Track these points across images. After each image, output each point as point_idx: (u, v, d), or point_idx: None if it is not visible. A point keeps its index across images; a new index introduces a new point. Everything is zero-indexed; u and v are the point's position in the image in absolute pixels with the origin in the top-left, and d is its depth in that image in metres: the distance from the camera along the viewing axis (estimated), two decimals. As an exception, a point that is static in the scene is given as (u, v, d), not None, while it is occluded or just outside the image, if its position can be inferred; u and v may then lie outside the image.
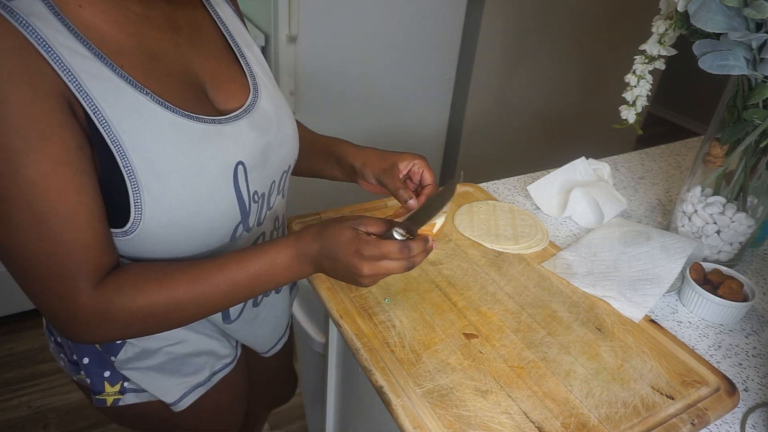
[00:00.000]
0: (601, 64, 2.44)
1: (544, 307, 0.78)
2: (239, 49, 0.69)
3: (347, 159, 0.78)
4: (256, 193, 0.66)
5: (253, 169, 0.64)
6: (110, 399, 0.71)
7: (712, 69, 0.74)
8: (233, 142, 0.61)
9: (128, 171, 0.53)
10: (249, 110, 0.65)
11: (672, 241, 0.88)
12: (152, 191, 0.54)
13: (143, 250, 0.58)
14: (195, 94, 0.61)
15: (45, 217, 0.49)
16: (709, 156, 0.87)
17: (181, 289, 0.56)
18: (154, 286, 0.56)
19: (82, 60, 0.50)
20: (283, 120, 0.70)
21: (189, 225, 0.58)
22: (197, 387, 0.74)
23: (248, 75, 0.68)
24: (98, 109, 0.51)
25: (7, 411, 1.56)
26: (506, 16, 2.08)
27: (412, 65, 1.96)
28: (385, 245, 0.56)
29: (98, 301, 0.54)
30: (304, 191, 1.57)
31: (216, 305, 0.59)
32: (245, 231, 0.67)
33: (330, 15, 1.72)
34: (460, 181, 0.71)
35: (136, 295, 0.55)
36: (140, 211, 0.54)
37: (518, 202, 1.07)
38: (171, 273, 0.57)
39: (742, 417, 0.67)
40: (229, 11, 0.71)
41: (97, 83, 0.51)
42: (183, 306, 0.57)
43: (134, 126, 0.53)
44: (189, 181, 0.56)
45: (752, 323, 0.82)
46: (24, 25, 0.47)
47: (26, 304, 1.80)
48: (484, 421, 0.61)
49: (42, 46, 0.48)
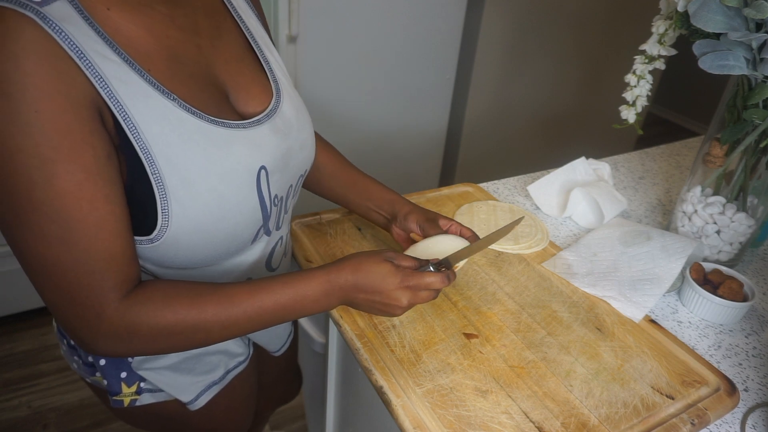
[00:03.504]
0: (601, 64, 2.44)
1: (544, 307, 0.78)
2: (262, 53, 0.69)
3: (392, 206, 0.80)
4: (276, 196, 0.66)
5: (274, 172, 0.64)
6: (127, 400, 0.71)
7: (712, 69, 0.74)
8: (256, 146, 0.61)
9: (156, 178, 0.53)
10: (271, 115, 0.65)
11: (672, 241, 0.88)
12: (179, 198, 0.54)
13: (166, 257, 0.58)
14: (217, 98, 0.60)
15: (74, 227, 0.49)
16: (709, 156, 0.87)
17: (210, 310, 0.55)
18: (185, 303, 0.55)
19: (112, 66, 0.50)
20: (302, 124, 0.70)
21: (213, 231, 0.58)
22: (212, 385, 0.75)
23: (271, 80, 0.68)
24: (128, 115, 0.51)
25: (7, 411, 1.56)
26: (506, 16, 2.08)
27: (412, 65, 1.96)
28: (429, 276, 0.60)
29: (124, 314, 0.53)
30: (304, 191, 1.57)
31: (242, 329, 0.58)
32: (266, 234, 0.67)
33: (330, 15, 1.72)
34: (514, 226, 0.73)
35: (165, 310, 0.54)
36: (167, 218, 0.54)
37: (518, 202, 1.07)
38: (201, 293, 0.56)
39: (742, 417, 0.67)
40: (252, 16, 0.71)
41: (127, 89, 0.51)
42: (210, 327, 0.56)
43: (162, 132, 0.53)
44: (215, 187, 0.56)
45: (752, 323, 0.82)
46: (57, 31, 0.46)
47: (26, 304, 1.80)
48: (484, 421, 0.61)
49: (75, 53, 0.47)
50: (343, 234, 0.91)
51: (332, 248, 0.87)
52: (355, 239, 0.90)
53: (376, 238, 0.90)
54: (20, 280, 1.66)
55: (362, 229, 0.92)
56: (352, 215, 0.96)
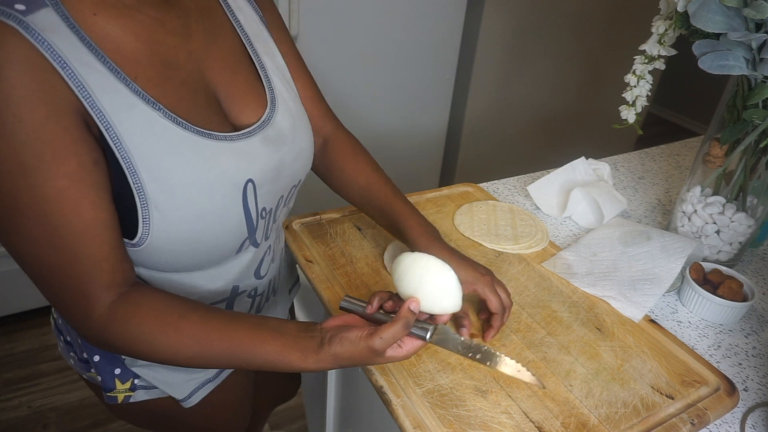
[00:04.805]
0: (601, 64, 2.44)
1: (544, 307, 0.78)
2: (258, 58, 0.66)
3: (414, 244, 0.72)
4: (264, 209, 0.65)
5: (263, 185, 0.63)
6: (121, 396, 0.71)
7: (712, 69, 0.74)
8: (245, 159, 0.60)
9: (137, 188, 0.53)
10: (263, 126, 0.63)
11: (672, 241, 0.88)
12: (161, 208, 0.54)
13: (150, 261, 0.58)
14: (208, 106, 0.59)
15: (59, 231, 0.50)
16: (709, 156, 0.87)
17: (187, 343, 0.55)
18: (170, 331, 0.55)
19: (96, 75, 0.50)
20: (298, 134, 0.68)
21: (195, 241, 0.58)
22: (207, 383, 0.75)
23: (266, 87, 0.66)
24: (110, 125, 0.51)
25: (7, 411, 1.56)
26: (506, 16, 2.08)
27: (412, 65, 1.96)
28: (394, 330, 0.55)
29: (108, 321, 0.54)
30: (304, 191, 1.57)
31: (218, 365, 0.58)
32: (252, 246, 0.67)
33: (330, 15, 1.72)
34: (494, 360, 0.63)
35: (141, 344, 0.55)
36: (148, 226, 0.54)
37: (518, 202, 1.07)
38: (181, 327, 0.55)
39: (741, 417, 0.67)
40: (253, 17, 0.68)
41: (110, 99, 0.51)
42: (185, 359, 0.56)
43: (145, 142, 0.53)
44: (197, 199, 0.56)
45: (752, 323, 0.82)
46: (40, 41, 0.46)
47: (26, 304, 1.80)
48: (484, 421, 0.61)
49: (58, 63, 0.47)
50: (343, 234, 0.91)
51: (332, 248, 0.87)
52: (355, 239, 0.90)
53: (376, 237, 0.90)
54: (20, 280, 1.66)
55: (362, 229, 0.92)
56: (353, 215, 0.96)
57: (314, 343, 0.55)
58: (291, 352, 0.55)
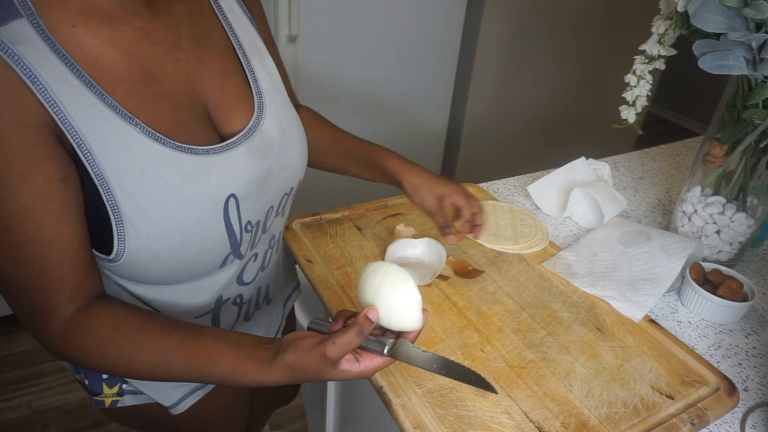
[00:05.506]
0: (601, 64, 2.44)
1: (544, 307, 0.78)
2: (249, 63, 0.64)
3: (396, 177, 0.81)
4: (249, 223, 0.63)
5: (247, 199, 0.61)
6: (108, 400, 0.71)
7: (712, 69, 0.74)
8: (226, 173, 0.58)
9: (111, 204, 0.52)
10: (249, 135, 0.61)
11: (672, 241, 0.88)
12: (135, 224, 0.53)
13: (129, 275, 0.58)
14: (194, 117, 0.58)
15: (22, 247, 0.49)
16: (709, 156, 0.87)
17: (143, 357, 0.54)
18: (126, 345, 0.54)
19: (69, 89, 0.48)
20: (288, 142, 0.66)
21: (174, 258, 0.57)
22: (196, 390, 0.74)
23: (254, 93, 0.63)
24: (83, 141, 0.49)
25: (7, 411, 1.56)
26: (506, 16, 2.08)
27: (412, 65, 1.96)
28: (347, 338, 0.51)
29: (65, 334, 0.53)
30: (304, 191, 1.57)
31: (177, 378, 0.56)
32: (237, 259, 0.65)
33: (330, 15, 1.72)
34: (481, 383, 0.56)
35: (96, 357, 0.54)
36: (123, 242, 0.54)
37: (518, 202, 1.07)
38: (139, 341, 0.54)
39: (741, 417, 0.67)
40: (244, 19, 0.66)
41: (84, 114, 0.49)
42: (143, 372, 0.55)
43: (120, 158, 0.51)
44: (174, 216, 0.55)
45: (752, 323, 0.82)
46: (10, 55, 0.45)
47: (26, 304, 1.80)
48: (484, 421, 0.61)
49: (28, 77, 0.46)
50: (343, 234, 0.91)
51: (332, 248, 0.87)
52: (355, 239, 0.90)
53: (376, 237, 0.90)
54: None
55: (362, 229, 0.92)
56: (353, 215, 0.96)
57: (269, 353, 0.52)
58: (246, 363, 0.53)
